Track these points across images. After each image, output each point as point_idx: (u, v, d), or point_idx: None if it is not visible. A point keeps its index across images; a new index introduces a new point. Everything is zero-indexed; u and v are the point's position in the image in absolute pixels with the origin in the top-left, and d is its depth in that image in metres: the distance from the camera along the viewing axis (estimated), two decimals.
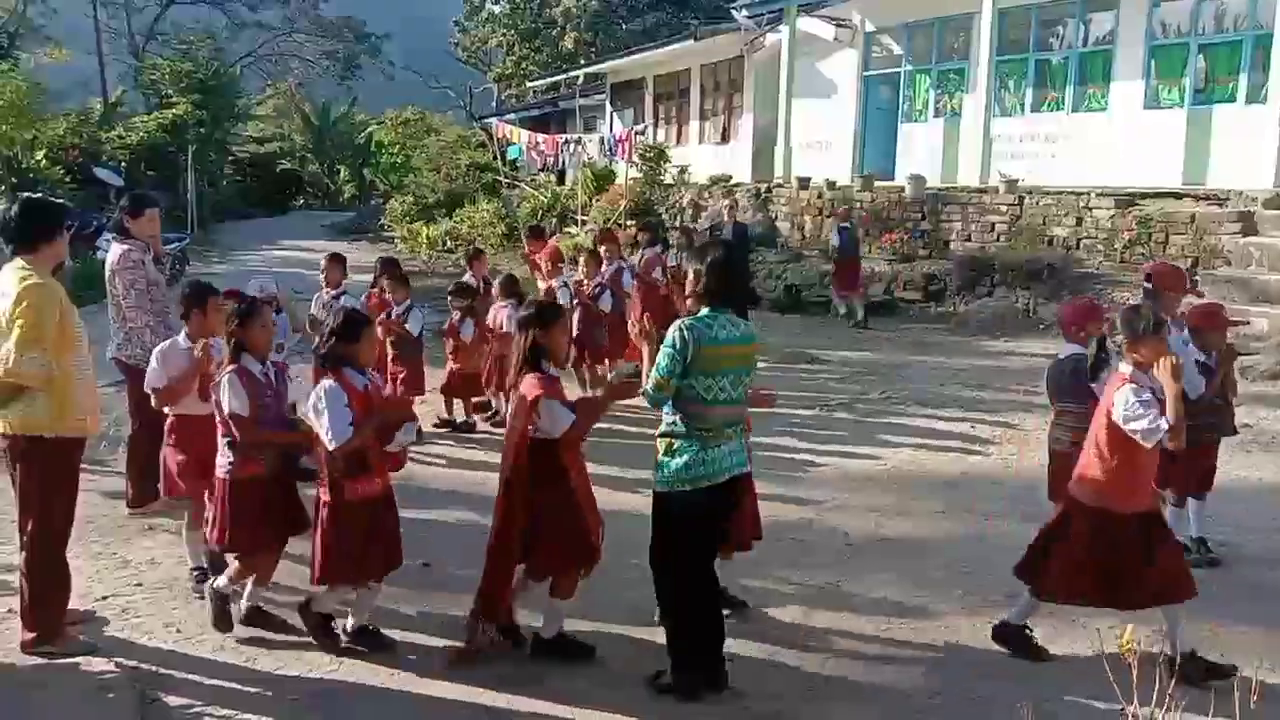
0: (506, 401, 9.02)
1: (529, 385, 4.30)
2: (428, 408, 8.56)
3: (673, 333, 4.03)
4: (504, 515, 4.37)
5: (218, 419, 4.60)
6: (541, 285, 9.61)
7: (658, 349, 4.11)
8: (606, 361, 9.80)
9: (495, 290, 8.96)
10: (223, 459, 4.59)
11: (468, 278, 9.63)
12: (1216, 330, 5.75)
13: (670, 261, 10.71)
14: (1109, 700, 2.73)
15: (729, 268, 4.14)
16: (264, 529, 4.61)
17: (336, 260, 8.48)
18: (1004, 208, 15.28)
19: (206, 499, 4.86)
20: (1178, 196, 14.04)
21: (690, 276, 4.21)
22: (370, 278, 9.48)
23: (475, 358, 8.64)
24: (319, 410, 4.25)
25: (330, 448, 4.23)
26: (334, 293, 8.22)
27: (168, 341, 5.29)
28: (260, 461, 4.57)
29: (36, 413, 4.30)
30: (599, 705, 4.13)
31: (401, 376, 8.20)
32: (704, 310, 4.10)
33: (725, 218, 14.47)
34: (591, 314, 9.44)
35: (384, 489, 4.48)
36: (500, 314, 8.65)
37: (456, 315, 8.77)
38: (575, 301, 9.39)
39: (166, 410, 5.19)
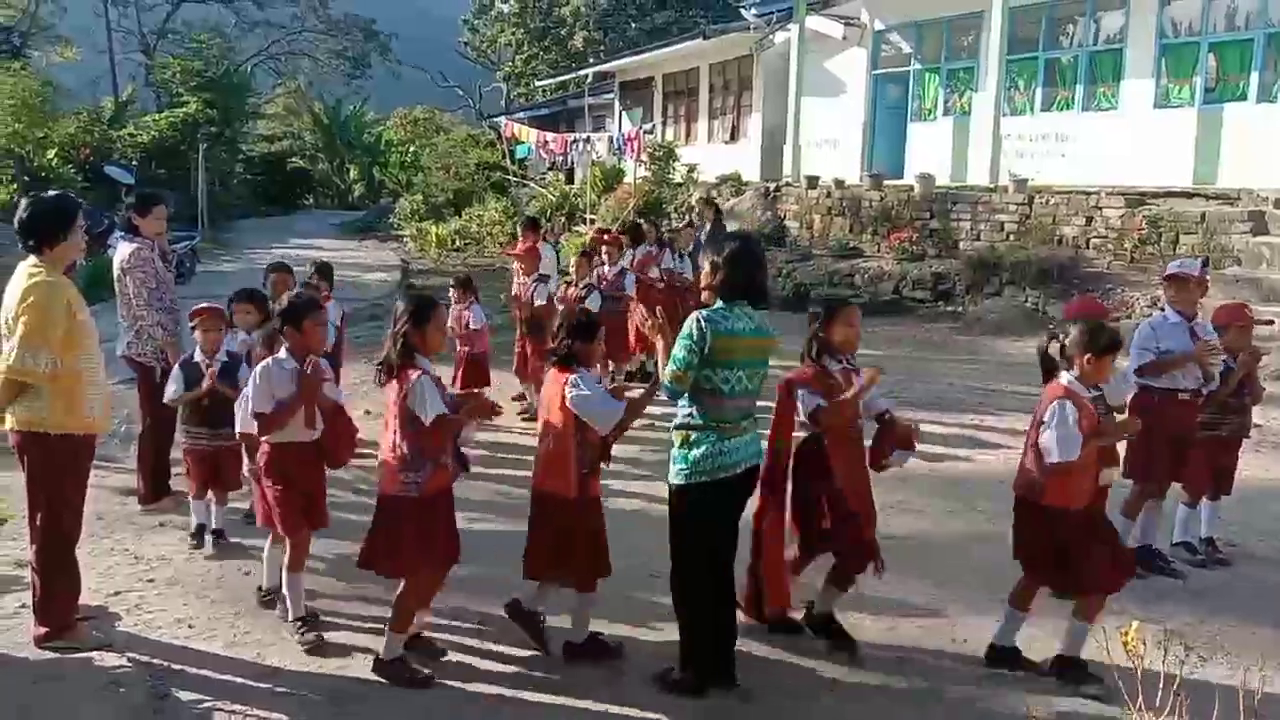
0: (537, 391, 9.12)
1: (797, 374, 4.50)
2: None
3: (689, 324, 4.02)
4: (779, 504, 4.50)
5: (396, 435, 4.13)
6: (517, 284, 9.36)
7: (670, 343, 4.10)
8: (607, 363, 9.67)
9: (451, 292, 8.78)
10: (407, 477, 4.15)
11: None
12: (1240, 329, 5.75)
13: (666, 262, 10.54)
14: (1114, 698, 2.73)
15: (745, 260, 4.12)
16: (445, 548, 4.35)
17: (284, 271, 7.28)
18: (1013, 207, 15.25)
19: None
20: (1188, 196, 14.01)
21: (706, 270, 4.21)
22: (382, 276, 9.45)
23: None
24: (589, 406, 4.24)
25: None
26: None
27: (269, 360, 4.70)
28: (447, 469, 4.26)
29: (42, 410, 4.33)
30: (611, 702, 4.15)
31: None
32: (719, 303, 4.10)
33: (705, 222, 13.90)
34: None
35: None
36: (465, 315, 8.57)
37: None
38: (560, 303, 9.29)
39: (264, 439, 4.66)
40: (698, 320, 4.01)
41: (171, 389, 5.78)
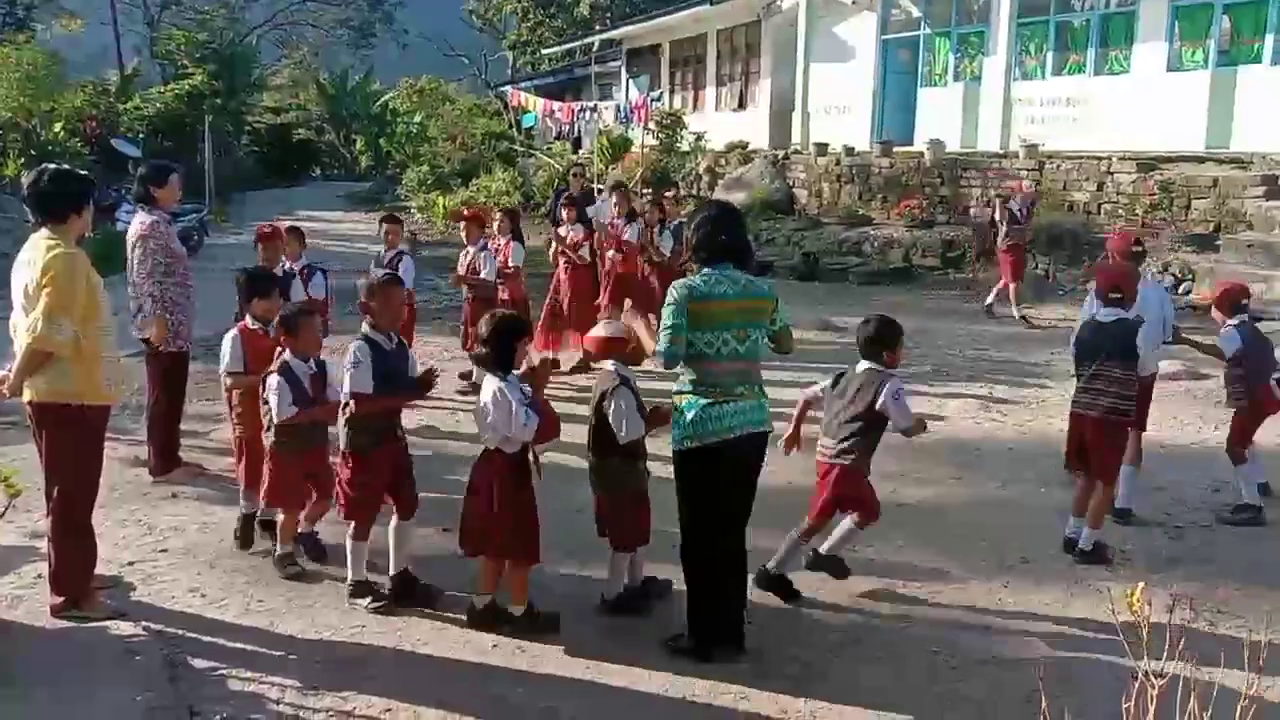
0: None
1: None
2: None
3: (671, 291, 4.12)
4: None
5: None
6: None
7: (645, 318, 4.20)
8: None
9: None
10: None
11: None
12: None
13: (630, 235, 9.79)
14: (1122, 660, 2.75)
15: (714, 224, 4.16)
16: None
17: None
18: (1024, 172, 15.15)
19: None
20: (1200, 160, 13.90)
21: (687, 243, 4.30)
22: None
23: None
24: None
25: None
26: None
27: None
28: None
29: (64, 382, 4.35)
30: (618, 666, 4.18)
31: None
32: (704, 270, 4.14)
33: (571, 184, 12.65)
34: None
35: None
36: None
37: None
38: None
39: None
40: (675, 286, 4.12)
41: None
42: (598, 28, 32.42)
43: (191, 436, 7.00)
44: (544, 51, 36.42)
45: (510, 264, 8.79)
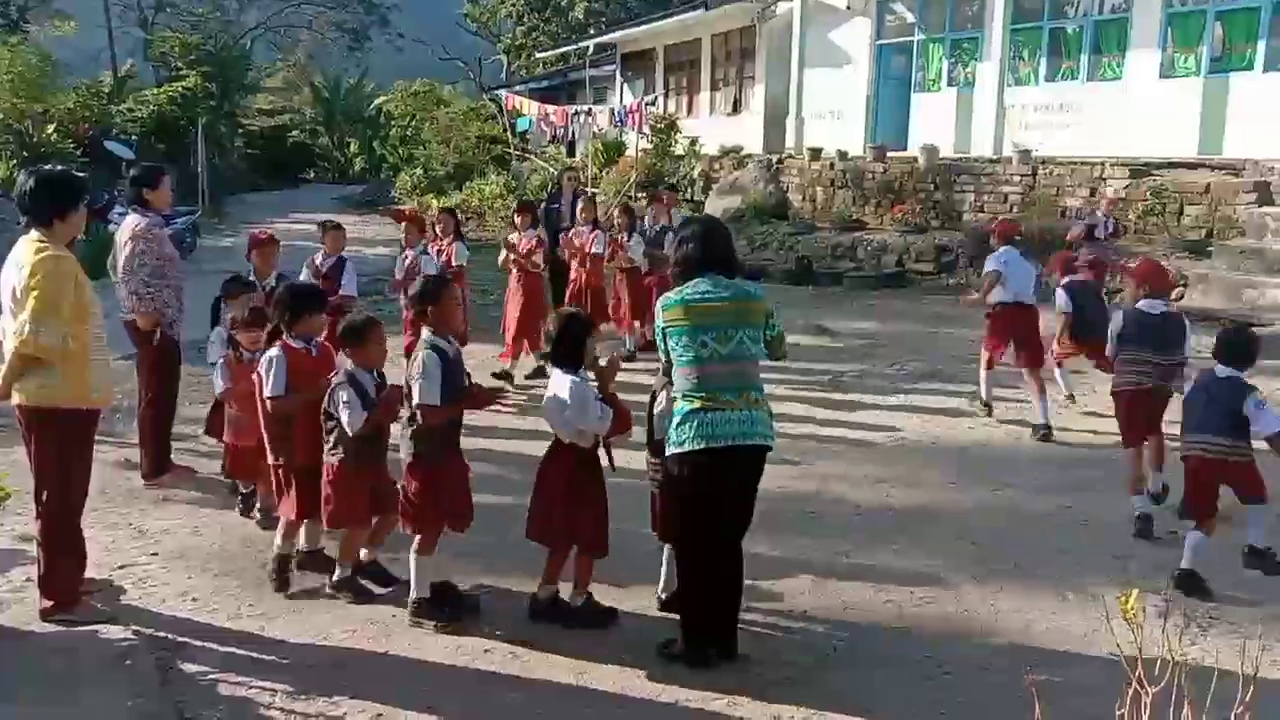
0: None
1: None
2: None
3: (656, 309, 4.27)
4: None
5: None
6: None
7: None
8: None
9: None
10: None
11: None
12: None
13: (596, 246, 9.77)
14: (1115, 665, 2.74)
15: (695, 241, 4.20)
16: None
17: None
18: (1017, 178, 15.18)
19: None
20: (1192, 166, 13.93)
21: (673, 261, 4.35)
22: (383, 250, 9.21)
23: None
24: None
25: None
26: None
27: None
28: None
29: (53, 385, 4.34)
30: (610, 672, 4.17)
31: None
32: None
33: (564, 187, 12.27)
34: None
35: None
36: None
37: (246, 343, 5.69)
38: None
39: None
40: (660, 301, 4.23)
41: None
42: (592, 32, 32.45)
43: (183, 440, 6.98)
44: (539, 55, 36.43)
45: (454, 264, 8.85)
